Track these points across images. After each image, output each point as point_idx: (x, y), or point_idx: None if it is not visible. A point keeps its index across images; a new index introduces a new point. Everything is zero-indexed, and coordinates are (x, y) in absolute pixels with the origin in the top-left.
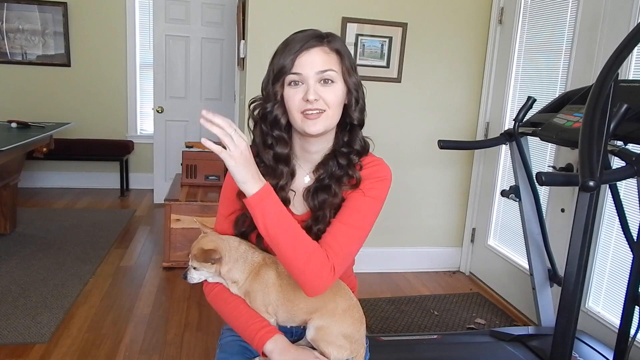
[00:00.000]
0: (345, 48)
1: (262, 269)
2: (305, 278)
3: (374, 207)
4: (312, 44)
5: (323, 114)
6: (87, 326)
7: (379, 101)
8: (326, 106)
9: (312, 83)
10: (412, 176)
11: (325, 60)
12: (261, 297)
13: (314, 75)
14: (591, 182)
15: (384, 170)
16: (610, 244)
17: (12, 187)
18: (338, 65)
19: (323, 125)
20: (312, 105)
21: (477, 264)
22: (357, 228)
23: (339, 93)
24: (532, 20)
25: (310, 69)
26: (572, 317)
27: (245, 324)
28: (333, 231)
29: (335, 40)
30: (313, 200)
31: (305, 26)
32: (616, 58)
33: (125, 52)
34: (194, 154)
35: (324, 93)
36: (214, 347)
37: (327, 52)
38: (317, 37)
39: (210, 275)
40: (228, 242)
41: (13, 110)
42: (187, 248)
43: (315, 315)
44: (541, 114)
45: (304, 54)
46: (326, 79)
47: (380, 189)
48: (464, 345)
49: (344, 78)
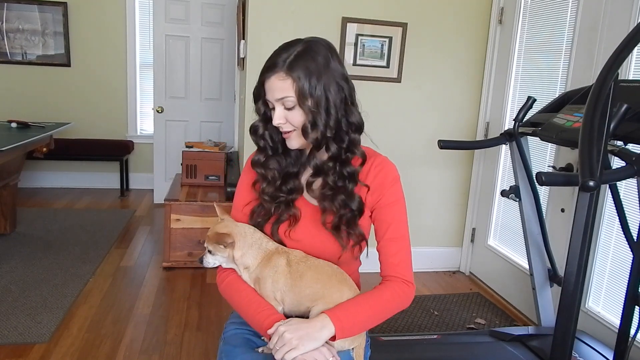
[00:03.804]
0: (302, 69)
1: (274, 256)
2: (403, 307)
3: (404, 208)
4: (270, 73)
5: (294, 132)
6: (87, 326)
7: (379, 101)
8: (293, 127)
9: (277, 107)
10: (412, 176)
11: (280, 87)
12: (270, 284)
13: (277, 102)
14: (591, 182)
15: (392, 171)
16: (610, 244)
17: (12, 187)
18: (293, 90)
19: (297, 142)
20: (282, 128)
21: (477, 264)
22: (404, 237)
23: (300, 116)
24: (532, 20)
25: (272, 96)
26: (572, 317)
27: (255, 310)
28: (390, 251)
29: (295, 62)
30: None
31: (306, 26)
32: (616, 58)
33: (125, 52)
34: (194, 154)
35: (289, 115)
36: (214, 347)
37: (282, 78)
38: (276, 62)
39: (224, 260)
40: (243, 228)
41: (13, 110)
42: (187, 248)
43: (320, 302)
44: (541, 114)
45: (266, 80)
46: (286, 104)
47: (398, 190)
48: (464, 345)
49: (298, 103)
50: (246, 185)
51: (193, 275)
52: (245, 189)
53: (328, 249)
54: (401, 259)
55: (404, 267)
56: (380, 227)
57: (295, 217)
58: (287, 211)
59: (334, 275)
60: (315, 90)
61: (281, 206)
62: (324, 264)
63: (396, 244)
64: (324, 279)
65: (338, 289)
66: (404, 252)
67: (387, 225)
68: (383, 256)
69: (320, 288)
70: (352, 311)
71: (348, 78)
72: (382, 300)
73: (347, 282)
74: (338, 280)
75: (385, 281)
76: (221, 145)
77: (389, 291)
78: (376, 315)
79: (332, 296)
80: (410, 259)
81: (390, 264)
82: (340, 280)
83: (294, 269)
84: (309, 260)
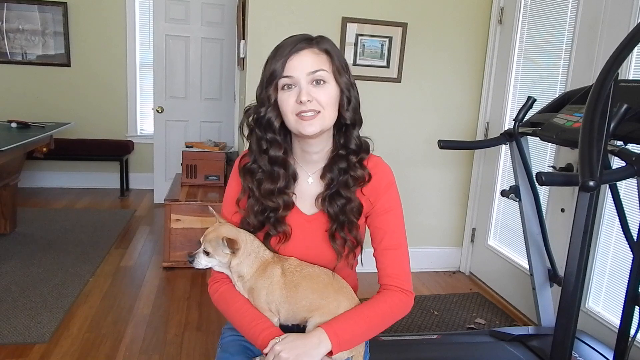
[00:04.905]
0: (335, 48)
1: (269, 266)
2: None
3: (400, 215)
4: (301, 46)
5: (319, 114)
6: (87, 326)
7: (379, 101)
8: (320, 107)
9: (304, 84)
10: (412, 176)
11: (315, 60)
12: (265, 295)
13: (306, 77)
14: (591, 182)
15: (386, 174)
16: (610, 244)
17: (12, 187)
18: (328, 65)
19: (319, 125)
20: (306, 106)
21: (477, 264)
22: (401, 245)
23: (332, 93)
24: (532, 20)
25: (301, 71)
26: (572, 317)
27: (250, 324)
28: (387, 260)
29: (324, 42)
30: (332, 207)
31: (306, 26)
32: (616, 58)
33: (125, 52)
34: (194, 154)
35: (316, 94)
36: (214, 347)
37: (316, 52)
38: (306, 40)
39: (218, 264)
40: (245, 235)
41: (13, 110)
42: (187, 248)
43: (316, 313)
44: (541, 114)
45: (293, 56)
46: (318, 79)
47: (393, 195)
48: (464, 345)
49: (335, 77)
50: (233, 197)
51: (193, 275)
52: (232, 201)
53: (321, 261)
54: (399, 269)
55: (403, 277)
56: (377, 235)
57: (285, 234)
58: (277, 228)
59: (330, 284)
60: (345, 69)
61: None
62: (319, 272)
63: (393, 253)
64: (320, 289)
65: (335, 298)
66: (401, 261)
67: (383, 234)
68: (380, 265)
69: (316, 298)
70: (349, 324)
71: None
72: (380, 312)
73: (344, 290)
74: (335, 289)
75: (383, 290)
76: (221, 145)
77: (387, 302)
78: (374, 327)
79: (329, 306)
80: (409, 268)
81: (389, 275)
82: (337, 289)
83: (288, 279)
84: (304, 269)
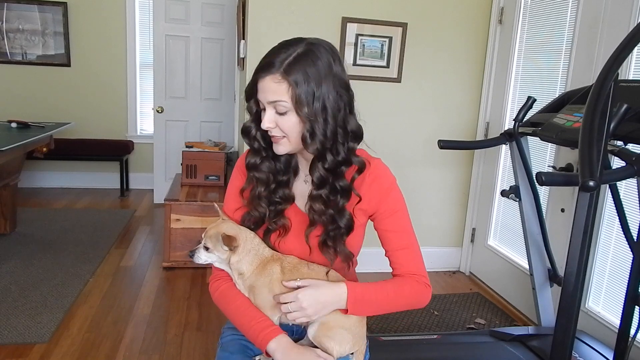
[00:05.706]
0: (304, 74)
1: (269, 264)
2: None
3: (406, 214)
4: (264, 73)
5: (283, 139)
6: (87, 326)
7: (379, 101)
8: (283, 133)
9: (268, 110)
10: (412, 176)
11: (275, 90)
12: (266, 293)
13: (268, 104)
14: (591, 182)
15: (387, 177)
16: (610, 244)
17: (12, 187)
18: (288, 96)
19: (285, 149)
20: (270, 132)
21: (477, 264)
22: (413, 243)
23: (293, 122)
24: (532, 20)
25: (264, 98)
26: (572, 317)
27: (249, 322)
28: (400, 260)
29: (298, 64)
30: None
31: (306, 26)
32: (616, 58)
33: (125, 52)
34: (194, 154)
35: (280, 121)
36: (214, 347)
37: (277, 81)
38: (269, 64)
39: (217, 260)
40: (245, 233)
41: (13, 110)
42: (187, 248)
43: None
44: (541, 114)
45: (259, 80)
46: (277, 109)
47: (397, 197)
48: (464, 345)
49: (295, 109)
50: (237, 188)
51: (193, 275)
52: (236, 192)
53: (320, 259)
54: (416, 266)
55: (421, 272)
56: (386, 238)
57: (285, 228)
58: (277, 221)
59: None
60: (313, 98)
61: (272, 214)
62: (318, 270)
63: (406, 252)
64: None
65: None
66: (415, 258)
67: (392, 236)
68: (395, 265)
69: None
70: (370, 292)
71: (349, 85)
72: (400, 291)
73: None
74: None
75: (406, 276)
76: (221, 145)
77: (409, 285)
78: (391, 302)
79: None
80: (424, 264)
81: (407, 271)
82: None
83: (287, 277)
84: (303, 267)
